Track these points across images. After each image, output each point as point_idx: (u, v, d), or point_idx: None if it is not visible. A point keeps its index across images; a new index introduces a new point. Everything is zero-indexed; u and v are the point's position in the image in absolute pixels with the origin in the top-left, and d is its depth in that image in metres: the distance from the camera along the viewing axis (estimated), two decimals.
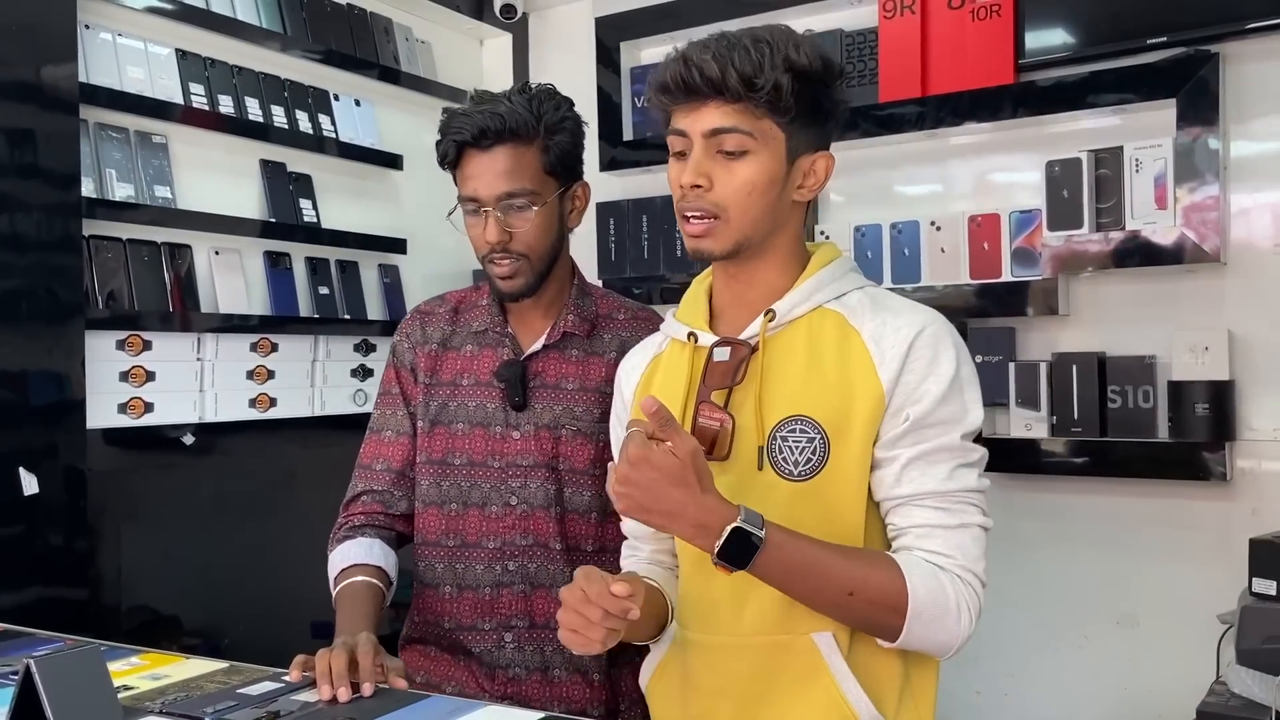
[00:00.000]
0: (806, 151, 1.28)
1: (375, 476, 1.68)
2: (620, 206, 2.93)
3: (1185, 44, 2.20)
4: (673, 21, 2.88)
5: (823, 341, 1.28)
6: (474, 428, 1.62)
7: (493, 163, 1.55)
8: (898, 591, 1.19)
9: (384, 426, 1.69)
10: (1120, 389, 2.28)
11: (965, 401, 1.25)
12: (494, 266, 1.58)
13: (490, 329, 1.64)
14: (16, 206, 1.99)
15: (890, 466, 1.24)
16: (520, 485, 1.60)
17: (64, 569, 2.06)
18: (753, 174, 1.24)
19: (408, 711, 1.19)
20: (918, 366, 1.24)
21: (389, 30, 2.88)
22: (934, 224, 2.48)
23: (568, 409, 1.61)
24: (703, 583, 1.32)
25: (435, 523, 1.63)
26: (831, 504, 1.25)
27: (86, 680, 1.13)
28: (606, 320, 1.67)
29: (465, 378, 1.65)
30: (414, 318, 1.73)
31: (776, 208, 1.28)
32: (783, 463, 1.26)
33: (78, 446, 2.08)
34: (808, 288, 1.30)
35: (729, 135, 1.23)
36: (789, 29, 1.27)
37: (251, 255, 2.51)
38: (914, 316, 1.27)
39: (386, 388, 1.72)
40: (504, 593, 1.60)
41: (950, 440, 1.24)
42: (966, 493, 1.24)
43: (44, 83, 2.05)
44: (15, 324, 1.99)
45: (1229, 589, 2.00)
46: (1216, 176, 2.16)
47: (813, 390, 1.26)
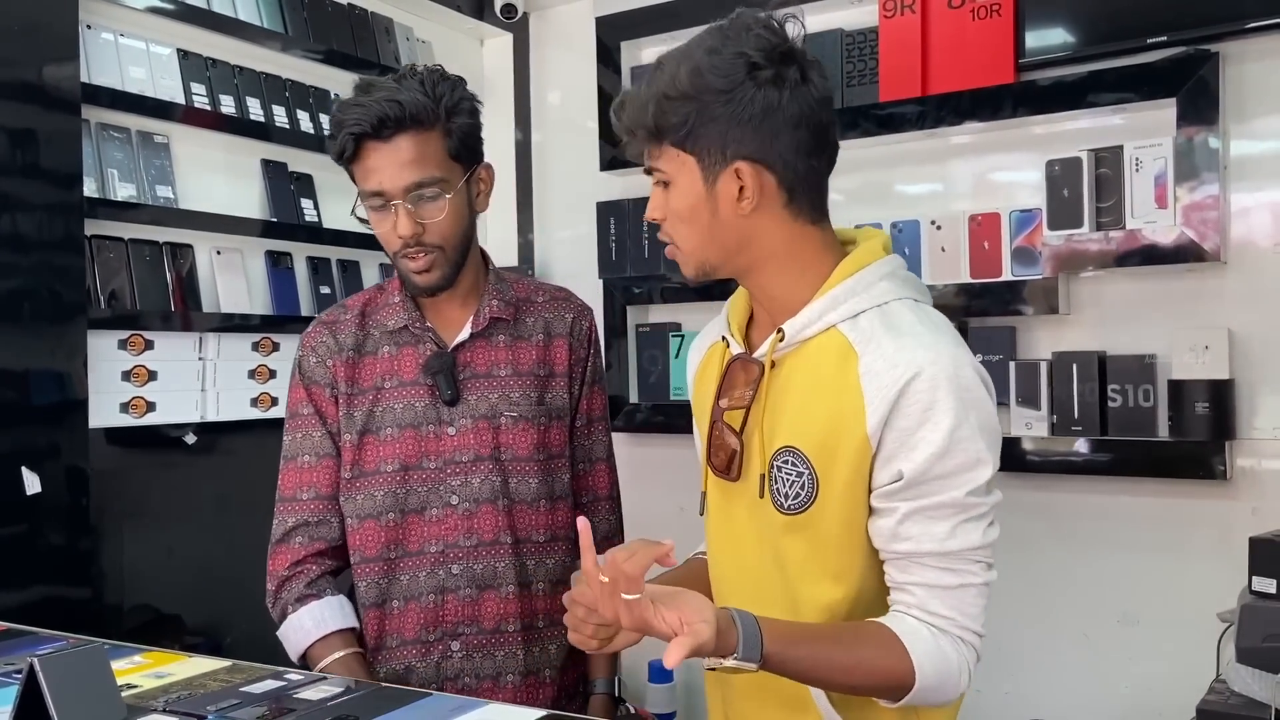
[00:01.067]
0: (724, 166, 1.20)
1: (304, 507, 1.57)
2: (620, 206, 2.94)
3: (1185, 43, 2.20)
4: (673, 20, 2.88)
5: (822, 369, 1.20)
6: (404, 431, 1.55)
7: (396, 153, 1.46)
8: (905, 672, 1.15)
9: (300, 451, 1.58)
10: (1120, 388, 2.28)
11: (971, 453, 1.15)
12: (408, 262, 1.51)
13: (409, 325, 1.57)
14: (19, 206, 2.00)
15: (888, 519, 1.18)
16: (461, 483, 1.54)
17: (67, 568, 2.06)
18: (676, 203, 1.23)
19: (409, 710, 1.19)
20: (910, 414, 1.14)
21: (390, 30, 2.88)
22: (934, 223, 2.49)
23: (504, 396, 1.57)
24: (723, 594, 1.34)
25: (373, 536, 1.55)
26: (820, 541, 1.21)
27: (90, 678, 1.13)
28: (527, 304, 1.63)
29: (388, 380, 1.57)
30: (318, 329, 1.62)
31: (716, 229, 1.22)
32: (777, 493, 1.23)
33: (80, 446, 2.09)
34: (820, 306, 1.22)
35: (656, 171, 1.24)
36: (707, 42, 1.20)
37: (253, 255, 2.51)
38: (914, 355, 1.15)
39: (296, 409, 1.60)
40: (449, 599, 1.54)
41: (953, 497, 1.15)
42: (970, 551, 1.17)
43: (46, 83, 2.05)
44: (18, 323, 2.00)
45: (1229, 587, 2.00)
46: (1216, 176, 2.16)
47: (804, 423, 1.20)
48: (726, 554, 1.34)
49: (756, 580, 1.28)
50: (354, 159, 1.49)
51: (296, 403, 1.60)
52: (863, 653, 1.16)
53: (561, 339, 1.63)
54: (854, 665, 1.15)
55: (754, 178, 1.20)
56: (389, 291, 1.62)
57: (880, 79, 2.53)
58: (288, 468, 1.59)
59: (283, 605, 1.54)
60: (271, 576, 1.57)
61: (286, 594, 1.54)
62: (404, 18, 2.93)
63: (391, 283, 1.62)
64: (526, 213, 3.18)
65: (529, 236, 3.18)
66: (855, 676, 1.16)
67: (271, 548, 1.58)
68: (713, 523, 1.34)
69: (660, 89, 1.19)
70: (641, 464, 2.97)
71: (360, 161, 1.49)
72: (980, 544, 1.17)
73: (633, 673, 2.91)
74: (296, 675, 1.33)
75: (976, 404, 1.16)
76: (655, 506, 3.02)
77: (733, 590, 1.33)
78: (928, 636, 1.16)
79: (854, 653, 1.16)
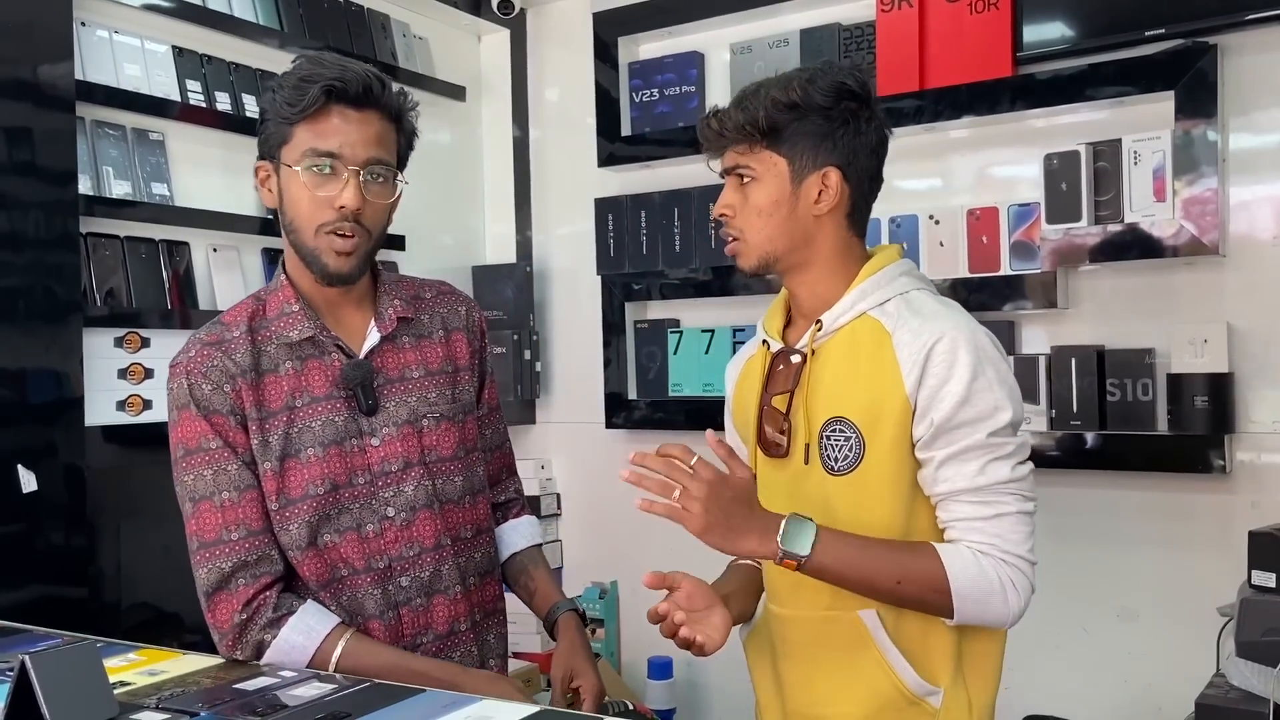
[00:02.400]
0: (814, 170, 1.43)
1: (237, 548, 1.41)
2: (619, 202, 2.93)
3: (1183, 36, 2.19)
4: (670, 16, 2.88)
5: (860, 348, 1.42)
6: (327, 449, 1.45)
7: (364, 125, 1.42)
8: (939, 576, 1.33)
9: (217, 489, 1.42)
10: (1119, 382, 2.28)
11: (990, 401, 1.35)
12: (335, 240, 1.42)
13: (315, 335, 1.47)
14: (13, 205, 1.99)
15: (928, 467, 1.38)
16: (394, 494, 1.48)
17: (64, 567, 2.06)
18: (758, 198, 1.43)
19: (402, 706, 1.18)
20: (937, 372, 1.36)
21: (386, 26, 2.87)
22: (932, 218, 2.48)
23: (422, 398, 1.53)
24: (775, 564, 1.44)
25: (315, 565, 1.45)
26: (867, 496, 1.40)
27: (82, 676, 1.13)
28: (419, 301, 1.59)
29: (298, 398, 1.46)
30: (205, 352, 1.45)
31: (791, 224, 1.44)
32: (828, 459, 1.42)
33: (76, 444, 2.08)
34: (851, 298, 1.45)
35: (737, 170, 1.45)
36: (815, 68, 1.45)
37: (249, 252, 2.51)
38: (938, 324, 1.38)
39: (197, 444, 1.43)
40: (403, 612, 1.49)
41: (975, 439, 1.35)
42: (1001, 484, 1.36)
43: (40, 80, 2.05)
44: (13, 322, 1.99)
45: (1228, 582, 1.99)
46: (1215, 169, 2.16)
47: (850, 394, 1.41)
48: None
49: None
50: (312, 117, 1.40)
51: (196, 437, 1.43)
52: (901, 553, 1.35)
53: (459, 333, 1.61)
54: (893, 563, 1.34)
55: (836, 184, 1.43)
56: (280, 300, 1.49)
57: (878, 73, 2.52)
58: (202, 509, 1.42)
59: (255, 643, 1.40)
60: (220, 629, 1.41)
61: (252, 632, 1.40)
62: (400, 14, 2.93)
63: (278, 292, 1.50)
64: (524, 209, 3.18)
65: (527, 233, 3.18)
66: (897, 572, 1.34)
67: (206, 600, 1.42)
68: (764, 500, 1.45)
69: (772, 96, 1.41)
70: None
71: (318, 121, 1.40)
72: (1009, 478, 1.36)
73: (633, 669, 2.91)
74: (289, 673, 1.33)
75: (992, 360, 1.38)
76: None
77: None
78: (967, 554, 1.34)
79: (893, 551, 1.35)
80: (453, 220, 3.12)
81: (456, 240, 3.13)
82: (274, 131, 1.45)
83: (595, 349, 2.99)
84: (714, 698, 2.86)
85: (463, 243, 3.16)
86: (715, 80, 2.86)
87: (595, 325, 2.99)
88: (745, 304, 2.75)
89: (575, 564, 3.10)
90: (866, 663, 1.41)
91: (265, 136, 1.46)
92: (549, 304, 3.15)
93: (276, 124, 1.44)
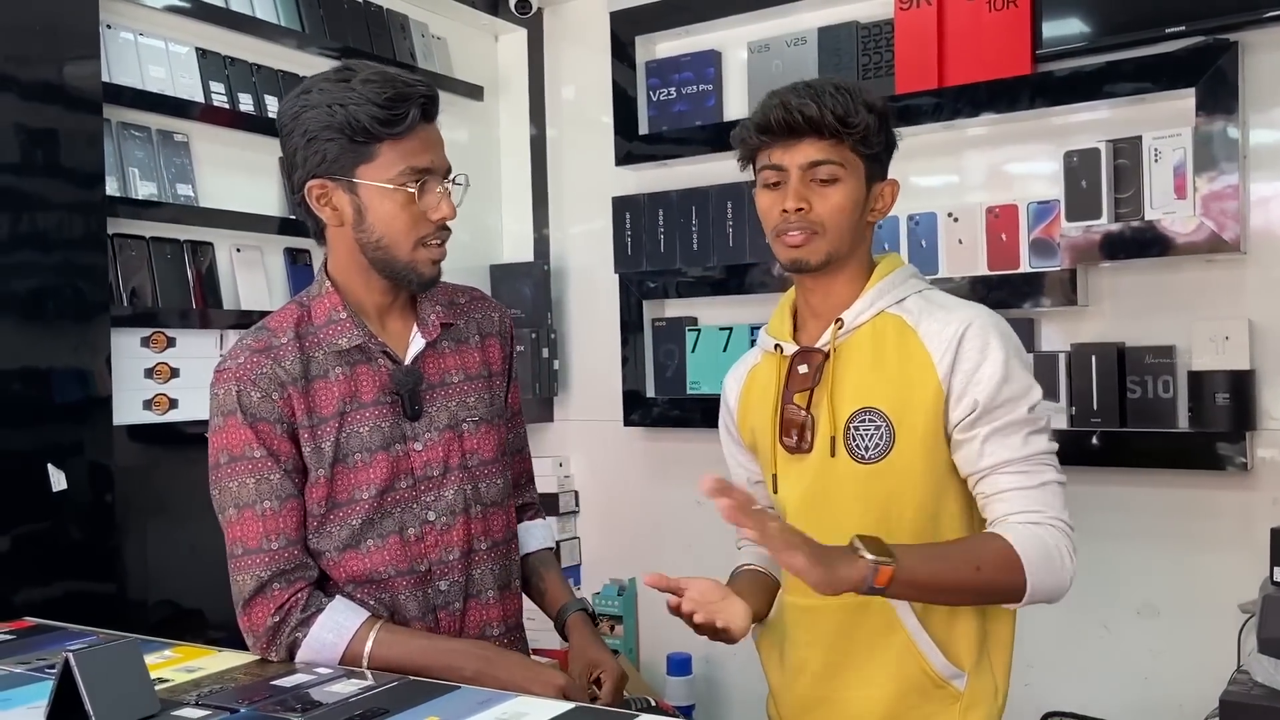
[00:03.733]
0: (878, 179, 1.51)
1: (277, 557, 1.42)
2: (636, 201, 2.94)
3: (1204, 33, 2.19)
4: (688, 15, 2.88)
5: (885, 342, 1.48)
6: (374, 455, 1.47)
7: (437, 134, 1.48)
8: (1011, 554, 1.36)
9: (260, 498, 1.43)
10: (1140, 379, 2.28)
11: (1024, 379, 1.43)
12: (434, 249, 1.47)
13: (365, 343, 1.48)
14: (42, 205, 2.01)
15: (971, 445, 1.43)
16: (435, 498, 1.50)
17: (92, 564, 2.08)
18: (843, 197, 1.47)
19: (439, 702, 1.20)
20: (970, 356, 1.42)
21: (405, 27, 2.89)
22: (951, 215, 2.48)
23: (461, 402, 1.55)
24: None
25: (357, 568, 1.47)
26: (898, 481, 1.45)
27: (124, 673, 1.15)
28: (454, 307, 1.61)
29: (349, 404, 1.47)
30: (255, 359, 1.45)
31: (858, 227, 1.50)
32: (856, 448, 1.47)
33: (104, 443, 2.10)
34: (870, 297, 1.51)
35: (824, 166, 1.45)
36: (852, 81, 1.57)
37: (272, 252, 2.53)
38: (963, 313, 1.46)
39: (241, 452, 1.43)
40: (441, 615, 1.51)
41: (1019, 414, 1.42)
42: (1041, 455, 1.43)
43: (67, 82, 2.07)
44: (42, 322, 2.01)
45: (1250, 578, 1.99)
46: (1236, 166, 2.16)
47: (878, 385, 1.46)
48: (801, 513, 1.51)
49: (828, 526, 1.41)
50: (401, 134, 1.41)
51: (241, 444, 1.43)
52: (969, 544, 1.40)
53: (493, 338, 1.63)
54: (967, 554, 1.37)
55: (891, 197, 1.53)
56: (327, 308, 1.49)
57: (896, 71, 2.53)
58: (245, 516, 1.43)
59: (288, 643, 1.41)
60: (254, 633, 1.42)
61: (283, 634, 1.41)
62: (419, 14, 2.94)
63: (323, 299, 1.50)
64: (541, 208, 3.19)
65: (544, 232, 3.19)
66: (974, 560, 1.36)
67: (244, 604, 1.43)
68: (786, 493, 1.55)
69: (867, 101, 1.46)
70: (658, 458, 2.99)
71: (409, 138, 1.42)
72: (1047, 449, 1.44)
73: (652, 666, 2.92)
74: (324, 670, 1.34)
75: (1016, 344, 1.47)
76: (671, 500, 3.04)
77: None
78: (1022, 528, 1.38)
79: (962, 544, 1.40)
80: (470, 219, 3.12)
81: (474, 239, 3.14)
82: (341, 150, 1.41)
83: (613, 347, 3.00)
84: (733, 694, 2.88)
85: (480, 241, 3.18)
86: (733, 79, 2.86)
87: (613, 323, 3.00)
88: (763, 302, 2.76)
89: (593, 561, 3.12)
90: (894, 648, 1.46)
91: (321, 155, 1.42)
92: (566, 302, 3.17)
93: (346, 143, 1.41)
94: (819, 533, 1.39)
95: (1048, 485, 1.42)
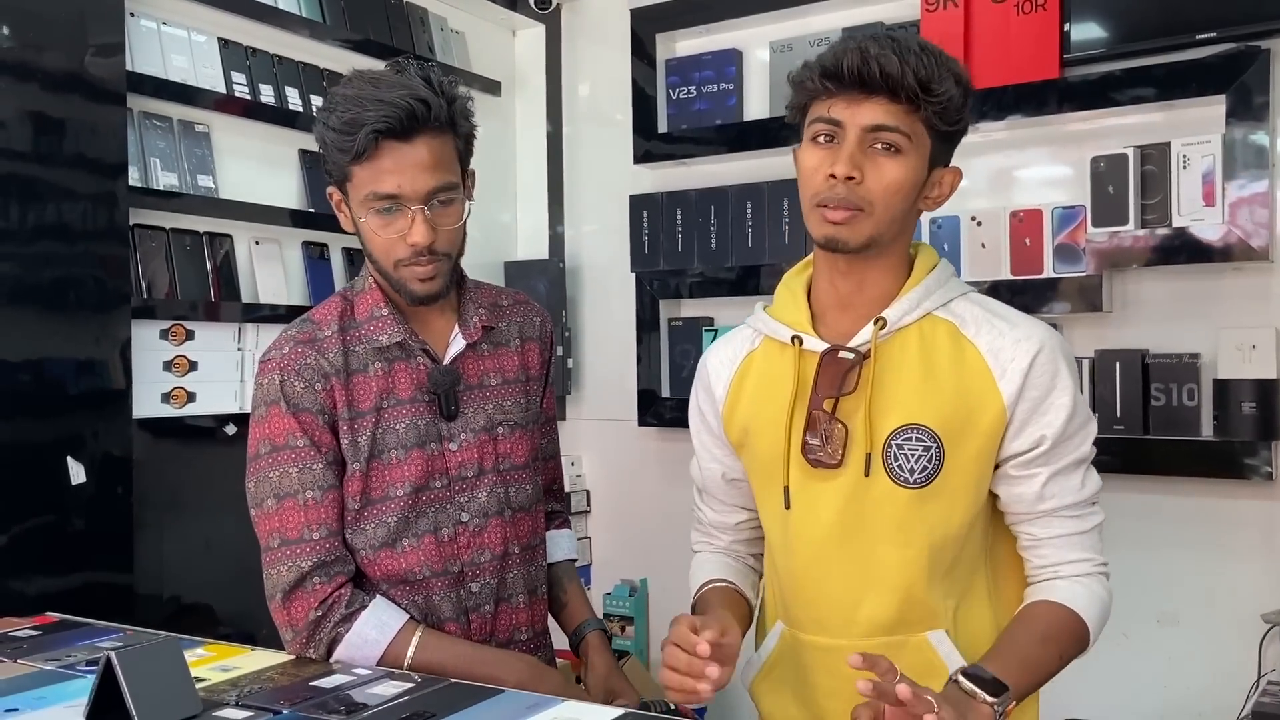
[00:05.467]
0: (942, 163, 1.31)
1: (318, 547, 1.40)
2: (654, 199, 2.92)
3: (1235, 40, 2.18)
4: (707, 13, 2.87)
5: (936, 351, 1.30)
6: (409, 452, 1.45)
7: (417, 155, 1.37)
8: (1079, 625, 1.29)
9: (302, 487, 1.41)
10: (1164, 387, 2.27)
11: (1086, 411, 1.33)
12: (415, 269, 1.41)
13: (404, 340, 1.47)
14: (64, 196, 1.99)
15: (1031, 484, 1.30)
16: (468, 499, 1.49)
17: (108, 557, 2.06)
18: (901, 174, 1.25)
19: (485, 706, 1.18)
20: (1041, 383, 1.28)
21: (424, 20, 2.87)
22: (975, 219, 2.47)
23: (498, 405, 1.53)
24: (814, 587, 1.35)
25: (392, 567, 1.45)
26: (947, 509, 1.30)
27: (166, 672, 1.13)
28: (497, 310, 1.59)
29: (385, 400, 1.46)
30: (299, 350, 1.44)
31: (909, 211, 1.30)
32: (899, 470, 1.29)
33: (123, 436, 2.08)
34: (916, 295, 1.32)
35: (889, 133, 1.24)
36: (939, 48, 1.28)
37: (290, 245, 2.50)
38: (1032, 331, 1.30)
39: (284, 441, 1.41)
40: (473, 618, 1.50)
41: (1082, 451, 1.31)
42: (1095, 494, 1.33)
43: (92, 73, 2.04)
44: (63, 313, 1.99)
45: (1273, 588, 1.99)
46: (1266, 173, 2.15)
47: (929, 400, 1.28)
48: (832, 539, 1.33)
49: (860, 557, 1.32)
50: (366, 159, 1.36)
51: (284, 434, 1.42)
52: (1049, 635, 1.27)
53: (533, 343, 1.62)
54: (1058, 654, 1.27)
55: (952, 186, 1.33)
56: (369, 304, 1.48)
57: None
58: (286, 506, 1.41)
59: (329, 639, 1.39)
60: (294, 626, 1.40)
61: (325, 630, 1.39)
62: (438, 8, 2.92)
63: (366, 294, 1.49)
64: (557, 206, 3.17)
65: (559, 229, 3.17)
66: (1061, 662, 1.28)
67: (283, 597, 1.40)
68: (806, 514, 1.35)
69: (954, 71, 1.25)
70: (673, 459, 2.96)
71: (373, 162, 1.36)
72: (1100, 487, 1.34)
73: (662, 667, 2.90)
74: (363, 671, 1.32)
75: (1075, 371, 1.33)
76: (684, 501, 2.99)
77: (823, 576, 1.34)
78: (1083, 593, 1.30)
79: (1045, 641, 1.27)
80: (485, 215, 3.11)
81: (489, 235, 3.12)
82: (335, 164, 1.41)
83: (628, 346, 2.98)
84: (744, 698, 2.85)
85: (495, 237, 3.16)
86: (754, 79, 2.85)
87: (628, 322, 2.99)
88: None
89: (605, 561, 3.10)
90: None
91: (328, 166, 1.43)
92: (581, 300, 3.15)
93: (335, 157, 1.40)
94: (852, 561, 1.32)
95: (1095, 530, 1.33)
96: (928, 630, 1.30)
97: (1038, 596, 1.31)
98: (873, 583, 1.30)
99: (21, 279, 1.93)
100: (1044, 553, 1.32)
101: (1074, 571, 1.31)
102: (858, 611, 1.31)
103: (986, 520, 1.36)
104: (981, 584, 1.37)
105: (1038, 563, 1.33)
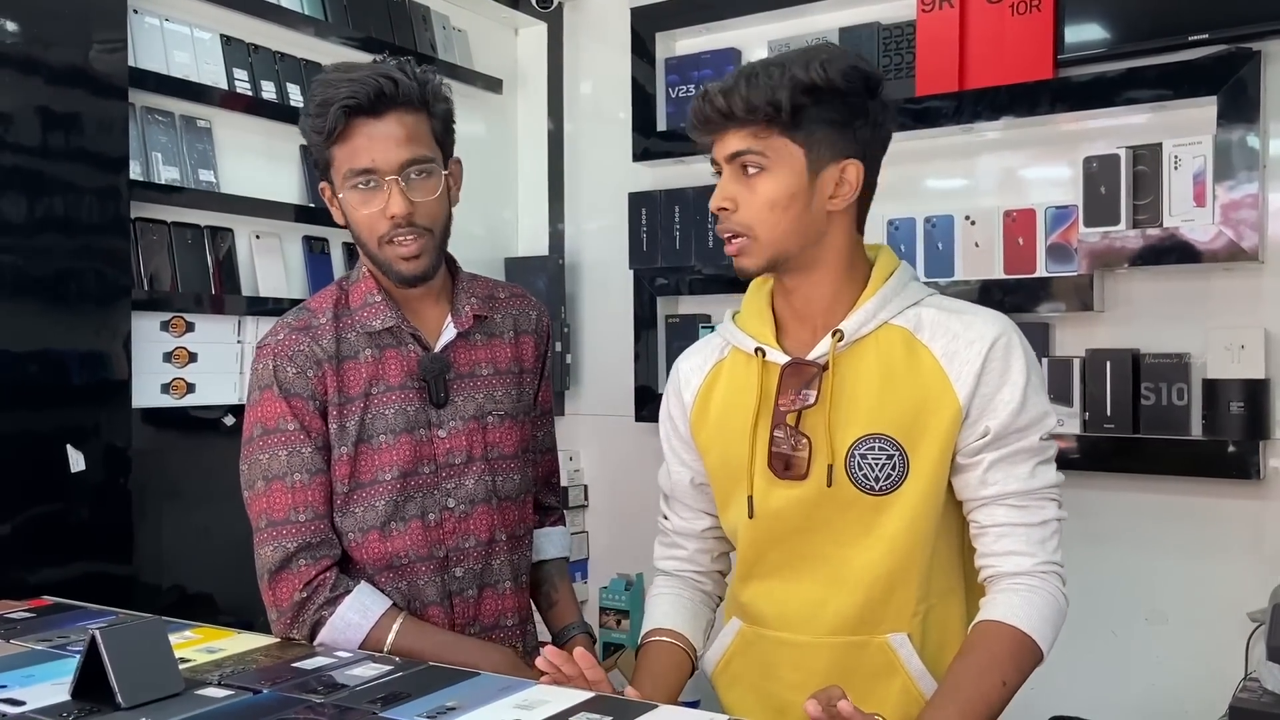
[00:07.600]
0: (832, 161, 1.31)
1: (304, 529, 1.44)
2: (653, 197, 2.94)
3: (1227, 41, 2.19)
4: (708, 13, 2.89)
5: (892, 359, 1.32)
6: (398, 437, 1.49)
7: (388, 129, 1.42)
8: (1024, 641, 1.27)
9: (291, 469, 1.45)
10: (1154, 386, 2.28)
11: (1040, 405, 1.32)
12: (397, 247, 1.45)
13: (395, 326, 1.51)
14: (67, 189, 2.02)
15: (974, 470, 1.32)
16: (455, 485, 1.52)
17: (108, 546, 2.09)
18: (771, 190, 1.29)
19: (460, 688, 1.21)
20: (991, 380, 1.30)
21: (426, 18, 2.90)
22: (968, 218, 2.48)
23: (489, 395, 1.56)
24: (783, 587, 1.38)
25: (379, 550, 1.48)
26: (912, 514, 1.31)
27: (149, 652, 1.16)
28: (493, 301, 1.62)
29: (375, 386, 1.50)
30: (293, 337, 1.49)
31: (806, 220, 1.31)
32: (863, 479, 1.31)
33: (122, 426, 2.12)
34: (872, 306, 1.34)
35: (745, 156, 1.29)
36: (826, 48, 1.34)
37: (291, 240, 2.54)
38: (985, 329, 1.31)
39: (275, 425, 1.46)
40: (456, 602, 1.53)
41: (1030, 442, 1.31)
42: (1046, 489, 1.32)
43: (95, 67, 2.08)
44: (64, 305, 2.02)
45: (1260, 586, 2.00)
46: (1256, 175, 2.16)
47: (888, 409, 1.31)
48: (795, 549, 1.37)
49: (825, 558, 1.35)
50: (340, 138, 1.43)
51: (275, 417, 1.46)
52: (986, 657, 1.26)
53: (528, 336, 1.65)
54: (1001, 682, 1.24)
55: (855, 178, 1.32)
56: (364, 290, 1.53)
57: (917, 73, 2.53)
58: (274, 488, 1.45)
59: (312, 621, 1.43)
60: (279, 607, 1.44)
61: (309, 612, 1.42)
62: (440, 6, 2.95)
63: (360, 283, 1.54)
64: (557, 203, 3.20)
65: (559, 226, 3.20)
66: (1008, 688, 1.25)
67: (269, 577, 1.44)
68: (771, 523, 1.37)
69: (793, 75, 1.26)
70: None
71: (347, 140, 1.43)
72: (1054, 482, 1.33)
73: None
74: (345, 653, 1.35)
75: (1034, 363, 1.33)
76: None
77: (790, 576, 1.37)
78: (1021, 604, 1.27)
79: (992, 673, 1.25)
80: (485, 212, 3.14)
81: (489, 231, 3.15)
82: (317, 151, 1.48)
83: (626, 342, 3.01)
84: None
85: (495, 234, 3.18)
86: None
87: (626, 319, 3.01)
88: None
89: (601, 555, 3.12)
90: (893, 689, 1.33)
91: (315, 158, 1.50)
92: (580, 297, 3.17)
93: (314, 141, 1.47)
94: (821, 570, 1.34)
95: (1047, 524, 1.32)
96: (889, 633, 1.33)
97: (981, 615, 1.31)
98: (838, 583, 1.33)
99: (24, 271, 1.96)
100: (987, 541, 1.32)
101: (1015, 568, 1.30)
102: (822, 613, 1.35)
103: (961, 523, 1.38)
104: (958, 587, 1.39)
105: (982, 551, 1.33)
